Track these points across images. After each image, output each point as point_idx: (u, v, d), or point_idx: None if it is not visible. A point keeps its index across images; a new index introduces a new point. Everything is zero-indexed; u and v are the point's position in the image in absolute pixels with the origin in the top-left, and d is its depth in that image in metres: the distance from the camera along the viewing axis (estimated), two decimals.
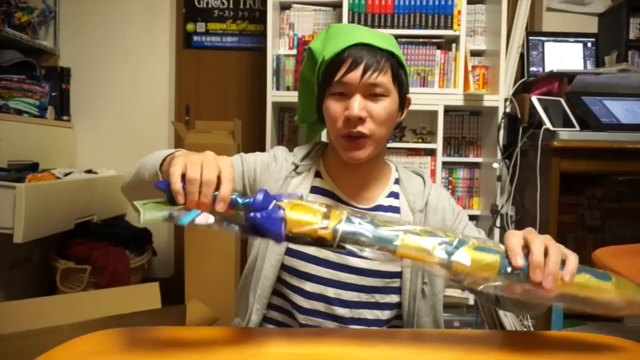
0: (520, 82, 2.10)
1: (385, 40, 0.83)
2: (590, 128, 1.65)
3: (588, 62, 2.17)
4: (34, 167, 2.07)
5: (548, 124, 1.66)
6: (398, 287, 0.84)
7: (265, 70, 2.02)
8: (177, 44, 2.57)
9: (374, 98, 0.80)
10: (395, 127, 0.91)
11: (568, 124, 1.69)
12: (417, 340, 0.67)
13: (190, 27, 2.57)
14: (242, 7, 2.57)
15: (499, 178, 1.91)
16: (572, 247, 0.63)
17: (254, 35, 2.56)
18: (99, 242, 2.09)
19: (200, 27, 2.58)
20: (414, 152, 2.03)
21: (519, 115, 1.84)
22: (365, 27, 0.87)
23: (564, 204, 1.96)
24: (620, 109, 1.72)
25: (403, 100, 0.86)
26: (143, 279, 2.24)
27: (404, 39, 2.02)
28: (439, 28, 1.98)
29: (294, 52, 2.11)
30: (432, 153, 2.01)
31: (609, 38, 2.19)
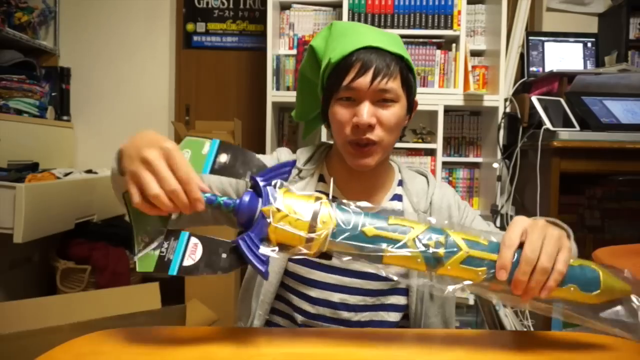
0: (520, 82, 2.10)
1: (394, 42, 0.80)
2: (590, 128, 1.65)
3: (588, 62, 2.17)
4: (34, 167, 2.07)
5: (548, 124, 1.66)
6: (405, 288, 0.83)
7: (265, 70, 2.02)
8: (177, 44, 2.57)
9: (383, 104, 0.78)
10: None
11: (568, 124, 1.69)
12: (417, 340, 0.67)
13: (190, 27, 2.57)
14: (242, 7, 2.57)
15: (499, 178, 1.91)
16: None
17: (254, 35, 2.56)
18: (99, 242, 2.09)
19: (200, 27, 2.58)
20: (414, 152, 2.03)
21: (519, 115, 1.84)
22: (371, 26, 0.85)
23: (564, 204, 1.96)
24: (620, 109, 1.72)
25: (411, 105, 0.84)
26: (143, 279, 2.23)
27: (404, 39, 2.00)
28: (439, 28, 1.98)
29: (294, 52, 2.11)
30: (432, 153, 2.01)
31: (609, 38, 2.19)
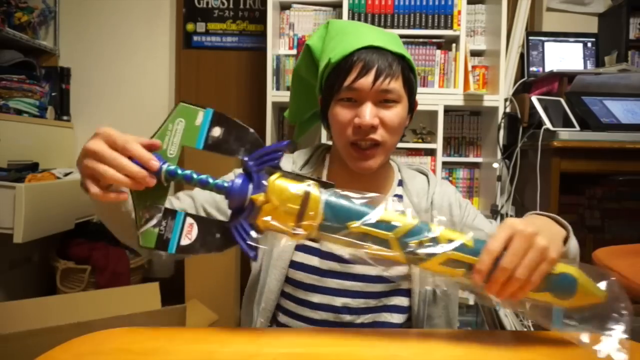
0: (520, 82, 2.10)
1: (395, 42, 0.80)
2: (590, 128, 1.65)
3: (588, 62, 2.17)
4: (34, 167, 2.07)
5: (548, 124, 1.66)
6: (407, 289, 0.82)
7: (265, 70, 2.02)
8: (177, 44, 2.57)
9: (385, 105, 0.77)
10: None
11: (568, 124, 1.69)
12: (417, 340, 0.67)
13: (190, 27, 2.57)
14: (242, 7, 2.56)
15: (499, 178, 1.91)
16: None
17: (254, 35, 2.55)
18: (99, 242, 2.09)
19: (200, 27, 2.57)
20: (414, 152, 2.03)
21: (519, 115, 1.84)
22: (369, 24, 0.84)
23: (564, 204, 1.96)
24: (620, 109, 1.72)
25: (412, 105, 0.83)
26: (143, 279, 2.23)
27: (404, 39, 2.02)
28: (439, 28, 1.98)
29: (294, 52, 2.11)
30: (432, 153, 2.01)
31: (609, 38, 2.19)
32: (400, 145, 2.02)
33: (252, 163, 0.56)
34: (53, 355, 0.56)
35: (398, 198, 0.87)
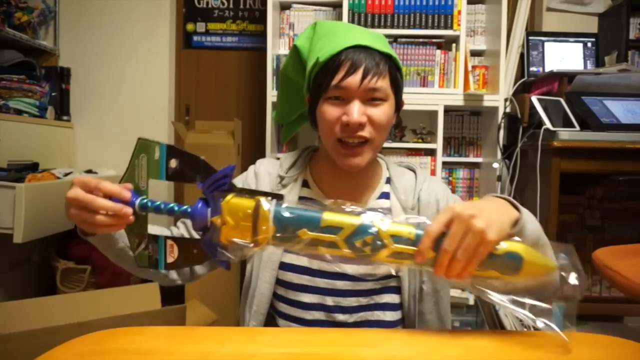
0: (520, 82, 2.10)
1: (381, 42, 0.81)
2: (590, 128, 1.65)
3: (588, 62, 2.17)
4: (34, 167, 2.07)
5: (548, 124, 1.66)
6: (397, 286, 0.83)
7: (265, 70, 2.02)
8: (177, 44, 2.57)
9: (373, 103, 0.78)
10: (395, 127, 0.90)
11: (568, 124, 1.69)
12: (417, 340, 0.67)
13: (190, 27, 2.57)
14: (242, 7, 2.56)
15: (499, 178, 1.91)
16: None
17: (254, 35, 2.55)
18: None
19: (200, 27, 2.57)
20: (414, 152, 2.03)
21: (519, 115, 1.84)
22: (356, 25, 0.85)
23: (564, 204, 1.96)
24: (620, 109, 1.72)
25: (399, 104, 0.84)
26: (143, 279, 2.23)
27: (404, 39, 2.02)
28: (439, 28, 1.98)
29: None
30: (432, 153, 2.01)
31: (609, 38, 2.19)
32: (400, 145, 2.02)
33: (205, 189, 0.62)
34: (53, 355, 0.56)
35: (384, 195, 0.87)
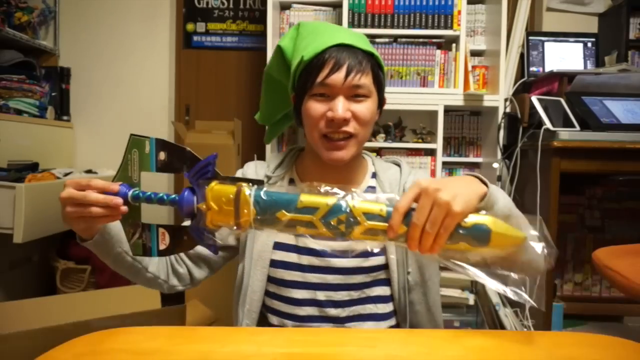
0: (520, 82, 2.09)
1: (363, 41, 0.83)
2: (591, 128, 1.65)
3: (588, 62, 2.17)
4: (34, 167, 2.07)
5: (548, 124, 1.66)
6: (387, 279, 0.84)
7: None
8: (177, 44, 2.57)
9: (357, 99, 0.80)
10: (395, 127, 0.92)
11: (568, 124, 1.69)
12: (416, 340, 0.67)
13: (190, 27, 2.57)
14: (242, 7, 2.56)
15: (499, 178, 1.91)
16: (572, 247, 0.63)
17: (254, 35, 2.55)
18: None
19: (200, 27, 2.57)
20: (414, 152, 2.02)
21: (519, 115, 1.84)
22: (339, 26, 0.88)
23: (564, 204, 1.96)
24: (620, 109, 1.72)
25: (381, 101, 0.87)
26: None
27: (404, 39, 2.02)
28: (439, 28, 1.98)
29: None
30: (432, 153, 2.01)
31: (609, 38, 2.19)
32: (400, 145, 2.02)
33: (191, 178, 0.64)
34: (53, 355, 0.56)
35: (370, 189, 0.89)
